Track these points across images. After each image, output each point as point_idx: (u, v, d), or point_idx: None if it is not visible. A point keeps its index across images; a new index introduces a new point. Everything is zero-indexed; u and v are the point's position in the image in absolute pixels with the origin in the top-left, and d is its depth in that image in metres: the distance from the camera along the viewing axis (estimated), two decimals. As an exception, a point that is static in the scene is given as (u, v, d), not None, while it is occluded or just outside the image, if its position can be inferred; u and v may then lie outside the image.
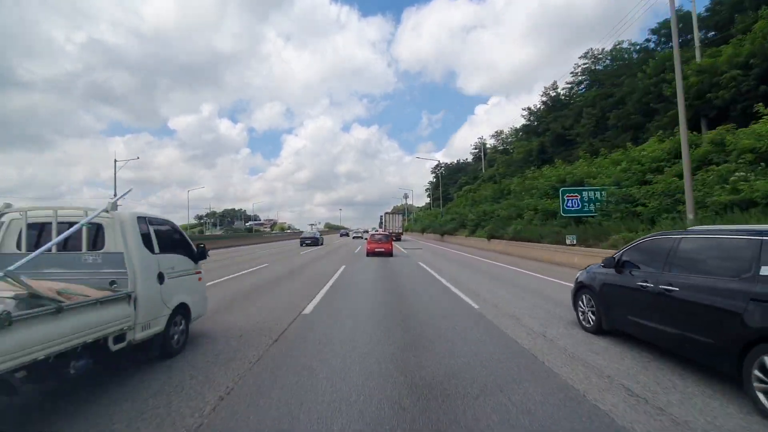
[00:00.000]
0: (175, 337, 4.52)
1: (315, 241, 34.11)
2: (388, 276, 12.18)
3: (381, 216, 70.95)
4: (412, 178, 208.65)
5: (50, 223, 3.98)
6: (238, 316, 6.59)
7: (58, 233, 3.78)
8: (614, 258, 5.14)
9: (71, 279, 3.69)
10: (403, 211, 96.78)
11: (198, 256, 5.21)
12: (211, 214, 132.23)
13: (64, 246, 3.87)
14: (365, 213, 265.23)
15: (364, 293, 8.95)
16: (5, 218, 4.15)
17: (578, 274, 6.06)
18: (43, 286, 3.13)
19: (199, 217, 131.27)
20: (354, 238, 53.10)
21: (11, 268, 2.79)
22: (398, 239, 41.03)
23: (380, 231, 30.79)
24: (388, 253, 19.55)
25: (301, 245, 32.92)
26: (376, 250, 19.45)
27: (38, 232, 4.17)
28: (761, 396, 3.07)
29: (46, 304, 2.92)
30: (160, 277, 4.25)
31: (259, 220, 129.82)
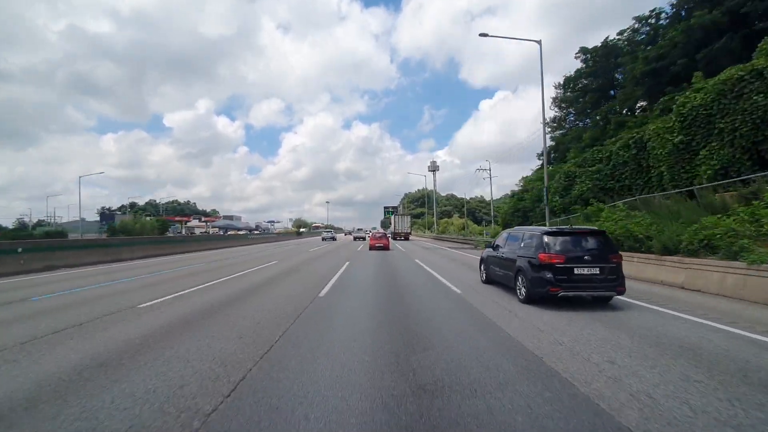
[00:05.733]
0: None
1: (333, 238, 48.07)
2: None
3: (385, 208, 75.23)
4: (414, 176, 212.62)
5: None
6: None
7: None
8: (491, 243, 9.84)
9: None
10: (423, 197, 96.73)
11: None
12: (132, 206, 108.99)
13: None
14: (366, 212, 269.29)
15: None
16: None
17: (481, 253, 10.75)
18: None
19: (109, 210, 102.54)
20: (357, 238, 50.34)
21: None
22: (406, 239, 45.36)
23: (380, 230, 36.74)
24: (386, 248, 25.42)
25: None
26: (377, 245, 25.53)
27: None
28: (518, 296, 7.74)
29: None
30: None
31: (180, 218, 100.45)
